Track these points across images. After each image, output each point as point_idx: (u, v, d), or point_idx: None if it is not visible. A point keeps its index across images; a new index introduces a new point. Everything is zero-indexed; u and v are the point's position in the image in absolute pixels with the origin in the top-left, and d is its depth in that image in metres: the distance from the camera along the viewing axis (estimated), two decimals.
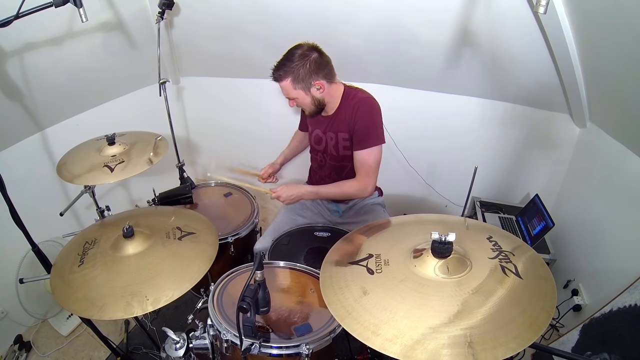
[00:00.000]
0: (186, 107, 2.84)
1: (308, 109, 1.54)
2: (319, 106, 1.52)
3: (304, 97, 1.47)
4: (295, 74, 1.41)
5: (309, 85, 1.44)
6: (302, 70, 1.41)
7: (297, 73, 1.41)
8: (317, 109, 1.53)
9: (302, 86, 1.44)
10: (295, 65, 1.40)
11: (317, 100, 1.49)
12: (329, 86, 1.48)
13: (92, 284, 1.06)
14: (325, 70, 1.46)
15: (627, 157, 1.59)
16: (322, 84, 1.45)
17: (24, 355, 1.80)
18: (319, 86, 1.45)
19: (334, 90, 1.52)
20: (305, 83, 1.43)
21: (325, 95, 1.50)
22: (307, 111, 1.55)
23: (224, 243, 1.56)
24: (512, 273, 0.89)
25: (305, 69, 1.41)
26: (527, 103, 2.08)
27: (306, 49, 1.42)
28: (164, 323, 1.91)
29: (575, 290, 1.75)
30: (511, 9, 1.53)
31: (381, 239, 1.12)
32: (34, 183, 1.89)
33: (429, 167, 2.42)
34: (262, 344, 1.01)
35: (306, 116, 1.64)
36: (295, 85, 1.43)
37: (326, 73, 1.46)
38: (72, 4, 1.09)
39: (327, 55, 1.47)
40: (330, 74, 1.48)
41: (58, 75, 1.78)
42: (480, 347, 0.73)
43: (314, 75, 1.43)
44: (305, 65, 1.40)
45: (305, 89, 1.45)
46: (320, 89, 1.46)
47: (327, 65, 1.47)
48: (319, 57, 1.44)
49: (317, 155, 1.72)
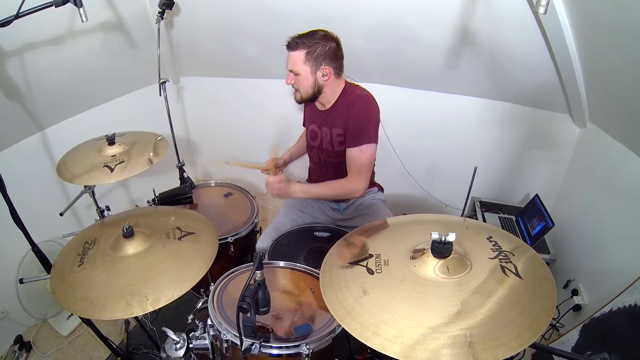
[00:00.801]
0: (186, 107, 2.84)
1: (304, 92, 1.50)
2: (316, 93, 1.50)
3: (307, 76, 1.45)
4: (312, 50, 1.41)
5: (317, 66, 1.43)
6: (319, 50, 1.41)
7: (313, 49, 1.40)
8: (312, 95, 1.51)
9: (311, 64, 1.43)
10: (315, 43, 1.40)
11: (317, 86, 1.48)
12: (334, 78, 1.48)
13: (92, 284, 1.06)
14: (338, 63, 1.47)
15: (627, 157, 1.59)
16: (330, 72, 1.45)
17: (24, 355, 1.80)
18: (326, 72, 1.45)
19: (336, 85, 1.52)
20: (316, 62, 1.42)
21: (326, 86, 1.49)
22: (301, 95, 1.52)
23: (223, 243, 1.55)
24: (512, 273, 0.89)
25: (322, 50, 1.41)
26: (527, 103, 2.08)
27: (329, 35, 1.44)
28: (164, 323, 1.91)
29: (575, 290, 1.75)
30: (511, 9, 1.53)
31: (381, 239, 1.11)
32: (34, 183, 1.89)
33: (428, 167, 2.42)
34: (262, 344, 1.01)
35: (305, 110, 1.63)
36: (306, 60, 1.42)
37: (337, 65, 1.47)
38: (72, 3, 1.09)
39: (343, 53, 1.48)
40: (339, 68, 1.49)
41: (58, 75, 1.78)
42: (480, 347, 0.73)
43: (327, 60, 1.43)
44: (324, 46, 1.41)
45: (313, 68, 1.44)
46: (326, 76, 1.46)
47: (340, 59, 1.48)
48: (337, 49, 1.45)
49: (312, 152, 1.71)
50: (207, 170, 3.14)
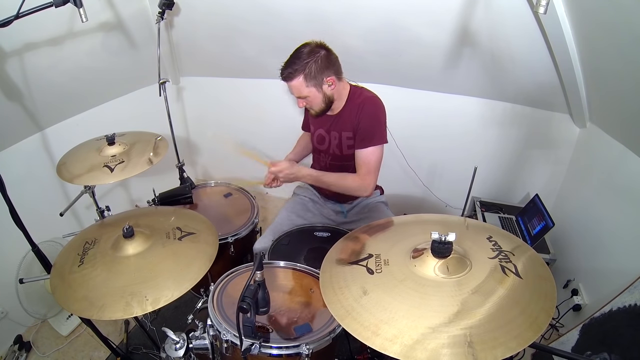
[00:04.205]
0: (186, 107, 2.84)
1: (317, 108, 1.49)
2: (328, 104, 1.48)
3: (315, 95, 1.43)
4: (307, 71, 1.37)
5: (321, 82, 1.41)
6: (314, 67, 1.37)
7: (309, 70, 1.37)
8: (326, 107, 1.49)
9: (314, 83, 1.40)
10: (306, 62, 1.36)
11: (327, 98, 1.46)
12: (338, 83, 1.46)
13: (92, 284, 1.06)
14: (335, 66, 1.44)
15: (627, 157, 1.59)
16: (333, 80, 1.43)
17: (24, 355, 1.80)
18: (331, 82, 1.43)
19: (341, 88, 1.50)
20: (317, 80, 1.40)
21: (335, 92, 1.47)
22: (316, 110, 1.50)
23: (223, 243, 1.55)
24: (512, 273, 0.89)
25: (317, 66, 1.37)
26: (527, 103, 2.08)
27: (314, 46, 1.40)
28: (164, 323, 1.90)
29: (575, 290, 1.75)
30: (511, 9, 1.53)
31: (381, 239, 1.12)
32: (34, 183, 1.89)
33: (429, 167, 2.42)
34: (262, 344, 1.00)
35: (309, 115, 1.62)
36: (308, 83, 1.39)
37: (336, 69, 1.44)
38: (72, 4, 1.09)
39: (334, 53, 1.45)
40: (339, 71, 1.46)
41: (58, 75, 1.78)
42: (480, 346, 0.73)
43: (325, 72, 1.40)
44: (316, 61, 1.37)
45: (318, 86, 1.41)
46: (332, 85, 1.43)
47: (336, 62, 1.44)
48: (328, 54, 1.41)
49: (319, 156, 1.70)
50: (207, 170, 3.14)
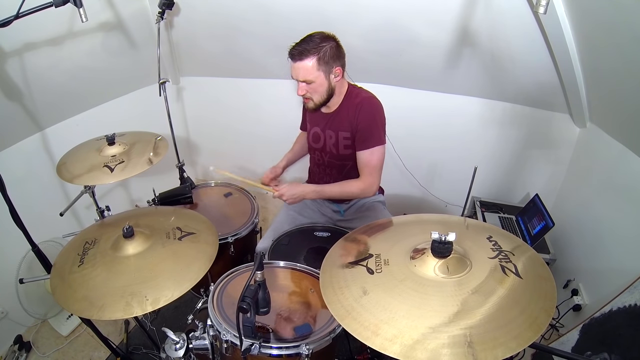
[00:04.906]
0: (186, 107, 2.84)
1: (318, 98, 1.44)
2: (329, 96, 1.45)
3: (322, 82, 1.39)
4: (322, 55, 1.34)
5: (330, 70, 1.38)
6: (329, 52, 1.35)
7: (323, 54, 1.34)
8: (326, 99, 1.46)
9: (324, 69, 1.36)
10: (321, 46, 1.34)
11: (331, 89, 1.43)
12: (341, 78, 1.45)
13: (92, 284, 1.06)
14: (343, 60, 1.42)
15: (627, 157, 1.59)
16: (341, 72, 1.41)
17: (24, 355, 1.80)
18: (338, 73, 1.41)
19: (341, 85, 1.48)
20: (328, 66, 1.37)
21: (337, 86, 1.45)
22: (315, 101, 1.45)
23: (224, 243, 1.55)
24: (512, 273, 0.89)
25: (330, 51, 1.36)
26: (527, 103, 2.08)
27: (326, 35, 1.38)
28: (163, 323, 1.90)
29: (575, 290, 1.75)
30: (511, 9, 1.53)
31: (381, 239, 1.11)
32: (34, 183, 1.89)
33: (429, 167, 2.42)
34: (262, 344, 1.00)
35: (307, 113, 1.61)
36: (319, 67, 1.35)
37: (342, 63, 1.42)
38: (72, 4, 1.09)
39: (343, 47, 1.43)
40: (344, 66, 1.44)
41: (58, 75, 1.78)
42: (480, 346, 0.73)
43: (337, 61, 1.38)
44: (331, 48, 1.36)
45: (327, 72, 1.38)
46: (338, 76, 1.41)
47: (344, 56, 1.42)
48: (338, 45, 1.40)
49: (314, 154, 1.69)
50: (207, 170, 3.14)
